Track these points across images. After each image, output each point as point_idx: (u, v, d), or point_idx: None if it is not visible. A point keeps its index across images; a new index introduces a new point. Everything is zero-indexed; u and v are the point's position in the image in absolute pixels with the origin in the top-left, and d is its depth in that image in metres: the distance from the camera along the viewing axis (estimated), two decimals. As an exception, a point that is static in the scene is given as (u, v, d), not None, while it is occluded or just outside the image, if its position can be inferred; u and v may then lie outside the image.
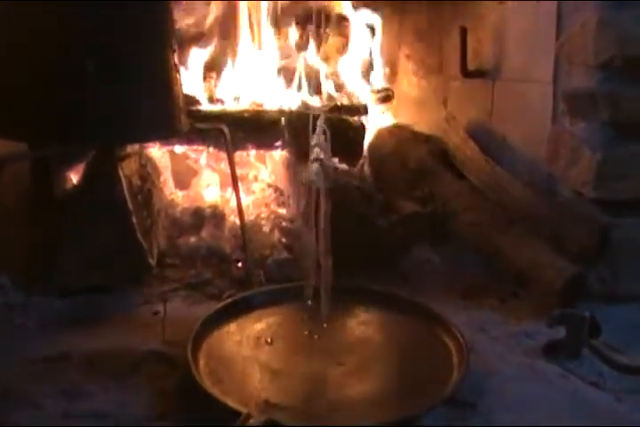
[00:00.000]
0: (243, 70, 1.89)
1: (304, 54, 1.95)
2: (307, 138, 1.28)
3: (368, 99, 1.99)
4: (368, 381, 1.15)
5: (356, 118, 1.87)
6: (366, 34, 2.02)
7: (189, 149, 1.79)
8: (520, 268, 1.49)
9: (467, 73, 1.86)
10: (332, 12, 1.99)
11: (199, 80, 1.86)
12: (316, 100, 1.92)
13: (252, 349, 1.24)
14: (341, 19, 2.01)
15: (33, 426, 1.04)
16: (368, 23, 2.01)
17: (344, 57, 2.02)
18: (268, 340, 1.26)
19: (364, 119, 1.89)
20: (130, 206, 1.47)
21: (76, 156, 1.49)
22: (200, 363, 1.15)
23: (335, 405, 1.10)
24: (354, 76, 2.02)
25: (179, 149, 1.79)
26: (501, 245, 1.54)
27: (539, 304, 1.41)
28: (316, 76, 1.96)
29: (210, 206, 1.72)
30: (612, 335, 1.26)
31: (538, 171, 1.64)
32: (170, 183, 1.77)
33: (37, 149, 1.41)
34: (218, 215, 1.70)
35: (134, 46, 1.33)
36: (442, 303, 1.37)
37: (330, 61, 2.01)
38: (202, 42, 1.87)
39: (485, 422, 1.07)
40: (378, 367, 1.19)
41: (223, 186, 1.77)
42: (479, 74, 1.85)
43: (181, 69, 1.52)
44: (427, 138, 1.90)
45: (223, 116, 1.72)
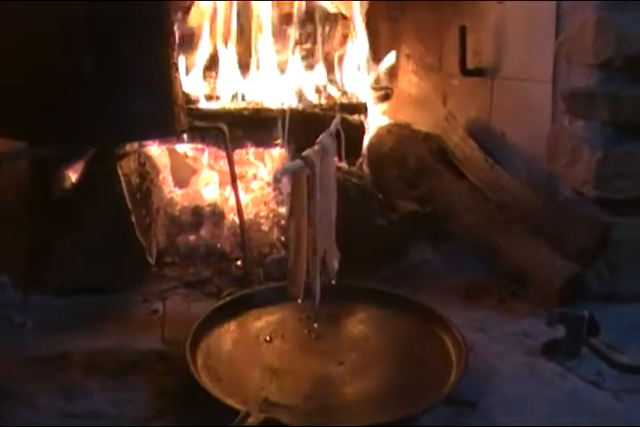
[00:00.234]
0: (242, 69, 1.89)
1: (303, 53, 1.95)
2: (306, 136, 1.27)
3: (367, 97, 1.99)
4: (367, 380, 1.15)
5: (355, 117, 1.87)
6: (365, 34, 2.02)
7: (189, 148, 1.80)
8: (519, 267, 1.49)
9: (466, 72, 1.86)
10: (331, 11, 1.99)
11: (198, 79, 1.86)
12: (315, 99, 1.92)
13: (252, 347, 1.24)
14: (342, 17, 2.00)
15: (32, 426, 1.04)
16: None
17: (344, 55, 2.01)
18: (267, 338, 1.26)
19: (363, 118, 1.89)
20: (129, 205, 1.47)
21: (75, 154, 1.49)
22: (199, 362, 1.15)
23: (334, 404, 1.10)
24: (353, 75, 2.01)
25: (178, 148, 1.79)
26: (501, 244, 1.54)
27: (538, 304, 1.41)
28: (316, 75, 1.96)
29: (209, 205, 1.72)
30: (611, 335, 1.25)
31: (537, 170, 1.64)
32: (169, 182, 1.77)
33: (36, 148, 1.41)
34: (217, 214, 1.70)
35: (134, 45, 1.33)
36: (441, 303, 1.36)
37: (329, 60, 2.01)
38: (201, 41, 1.87)
39: (485, 422, 1.07)
40: (377, 367, 1.19)
41: (222, 184, 1.77)
42: (478, 73, 1.85)
43: (180, 68, 1.51)
44: (426, 137, 1.90)
45: (222, 115, 1.73)
